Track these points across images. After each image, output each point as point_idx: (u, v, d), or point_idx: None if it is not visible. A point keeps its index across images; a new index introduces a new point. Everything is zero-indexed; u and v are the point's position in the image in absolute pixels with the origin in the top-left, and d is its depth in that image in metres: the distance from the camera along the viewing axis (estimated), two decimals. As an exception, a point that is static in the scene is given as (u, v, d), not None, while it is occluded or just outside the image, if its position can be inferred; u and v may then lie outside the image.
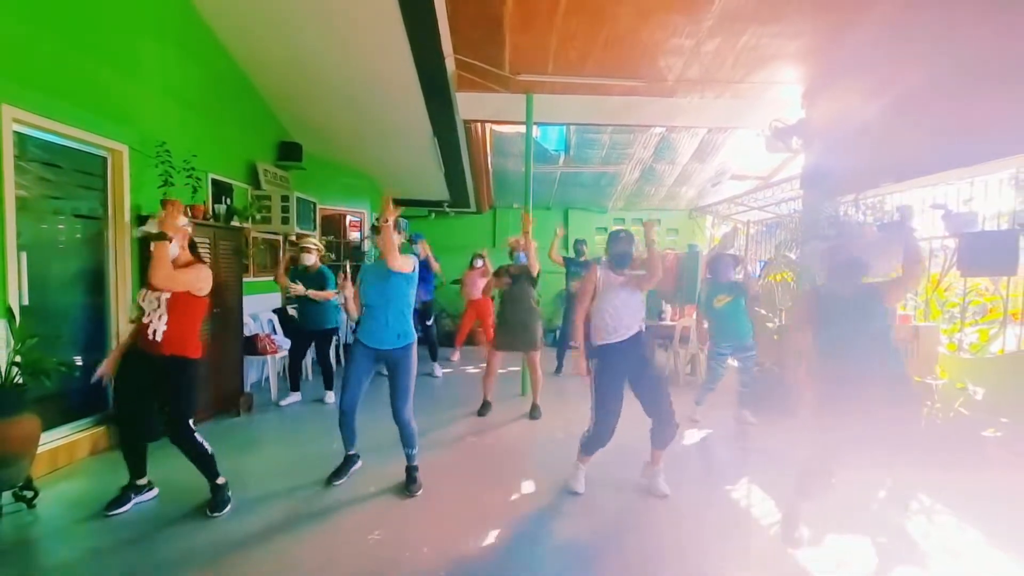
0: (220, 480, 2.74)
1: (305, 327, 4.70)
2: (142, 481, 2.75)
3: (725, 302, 4.21)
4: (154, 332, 2.55)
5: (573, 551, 2.41)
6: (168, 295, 2.57)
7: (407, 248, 4.83)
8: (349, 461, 3.09)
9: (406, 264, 2.81)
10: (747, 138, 6.75)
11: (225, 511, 2.66)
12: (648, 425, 2.92)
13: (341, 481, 2.99)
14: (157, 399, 2.64)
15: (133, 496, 2.70)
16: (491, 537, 2.47)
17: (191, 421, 2.66)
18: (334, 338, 4.97)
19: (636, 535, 2.52)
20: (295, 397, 4.71)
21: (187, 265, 2.66)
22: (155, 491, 2.81)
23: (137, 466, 2.73)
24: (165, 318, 2.57)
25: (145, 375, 2.60)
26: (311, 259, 4.58)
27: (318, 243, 4.90)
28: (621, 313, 2.87)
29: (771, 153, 5.60)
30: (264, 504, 2.75)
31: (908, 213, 2.52)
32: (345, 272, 2.97)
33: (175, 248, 2.60)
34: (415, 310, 5.67)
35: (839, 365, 2.37)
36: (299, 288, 4.43)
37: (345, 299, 2.96)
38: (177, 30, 4.14)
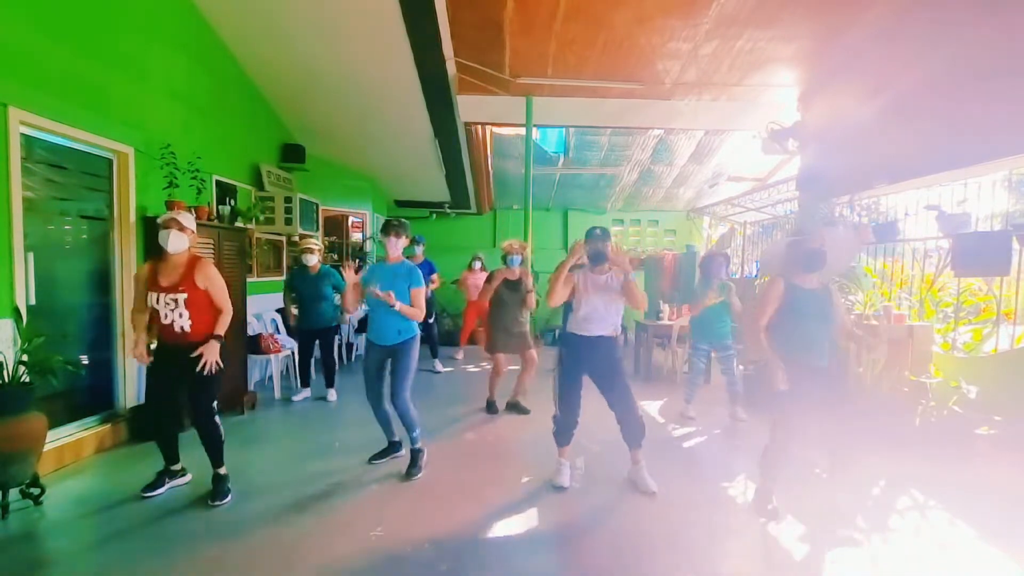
0: (223, 470, 2.82)
1: (305, 326, 4.76)
2: (176, 467, 2.89)
3: (716, 301, 4.27)
4: (180, 328, 2.67)
5: (569, 544, 2.45)
6: (186, 295, 2.65)
7: (409, 250, 4.89)
8: (392, 447, 3.33)
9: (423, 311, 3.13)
10: (744, 140, 6.82)
11: (226, 500, 2.73)
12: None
13: (381, 461, 3.26)
14: (187, 386, 2.74)
15: (168, 480, 2.84)
16: (491, 530, 2.52)
17: (215, 404, 2.79)
18: (336, 336, 5.01)
19: (629, 529, 2.55)
20: (306, 392, 4.81)
21: (191, 261, 2.73)
22: (189, 476, 2.95)
23: (170, 453, 2.87)
24: (187, 314, 2.67)
25: (174, 367, 2.72)
26: (313, 259, 4.64)
27: (319, 243, 4.95)
28: (598, 314, 2.94)
29: (767, 155, 5.67)
30: (268, 499, 2.79)
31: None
32: (348, 263, 3.14)
33: (185, 242, 2.70)
34: None
35: (796, 354, 2.56)
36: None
37: (346, 290, 3.10)
38: (182, 34, 4.18)
